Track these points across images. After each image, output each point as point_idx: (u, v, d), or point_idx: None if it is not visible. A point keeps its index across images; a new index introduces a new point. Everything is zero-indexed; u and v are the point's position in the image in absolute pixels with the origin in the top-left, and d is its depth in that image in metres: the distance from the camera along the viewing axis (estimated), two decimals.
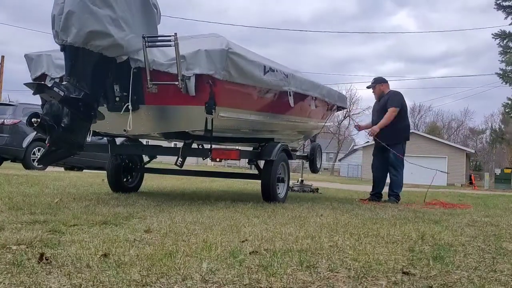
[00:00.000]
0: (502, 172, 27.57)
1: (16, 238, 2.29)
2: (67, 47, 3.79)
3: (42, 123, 3.58)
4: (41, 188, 5.41)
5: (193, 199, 5.18)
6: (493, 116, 58.99)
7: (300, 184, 8.24)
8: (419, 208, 5.56)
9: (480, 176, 38.87)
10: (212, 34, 4.67)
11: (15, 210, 3.38)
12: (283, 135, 6.27)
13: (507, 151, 50.58)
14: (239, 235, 2.76)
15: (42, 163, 8.17)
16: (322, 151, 7.45)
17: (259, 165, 5.39)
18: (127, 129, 4.29)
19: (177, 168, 5.55)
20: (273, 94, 5.07)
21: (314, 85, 6.09)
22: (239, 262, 2.04)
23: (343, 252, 2.39)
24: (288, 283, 1.80)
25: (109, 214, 3.36)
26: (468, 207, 6.07)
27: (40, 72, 4.62)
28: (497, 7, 25.27)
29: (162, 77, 4.12)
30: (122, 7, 3.89)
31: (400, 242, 2.80)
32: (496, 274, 2.09)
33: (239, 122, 4.77)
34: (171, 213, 3.71)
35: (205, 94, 4.11)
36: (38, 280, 1.67)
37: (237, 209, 4.17)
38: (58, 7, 3.73)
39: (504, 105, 28.70)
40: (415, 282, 1.88)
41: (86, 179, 7.69)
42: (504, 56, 25.49)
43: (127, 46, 3.98)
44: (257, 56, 4.78)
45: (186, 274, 1.82)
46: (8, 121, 10.52)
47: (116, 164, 5.56)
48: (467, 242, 2.93)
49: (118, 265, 1.89)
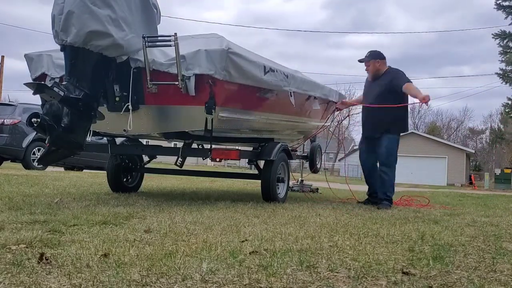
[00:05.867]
0: (502, 172, 27.57)
1: (16, 238, 2.29)
2: (67, 47, 3.79)
3: (42, 123, 3.58)
4: (41, 188, 5.41)
5: (193, 199, 5.18)
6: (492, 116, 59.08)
7: (300, 184, 8.24)
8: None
9: (480, 176, 38.89)
10: (212, 34, 4.67)
11: (15, 210, 3.38)
12: (283, 135, 6.27)
13: (507, 151, 50.59)
14: (239, 235, 2.75)
15: (42, 163, 8.17)
16: (322, 151, 7.44)
17: (259, 165, 5.39)
18: (127, 129, 4.29)
19: (177, 168, 5.56)
20: (273, 94, 5.07)
21: (314, 85, 6.10)
22: (239, 262, 2.04)
23: (343, 252, 2.39)
24: (288, 283, 1.79)
25: (109, 214, 3.36)
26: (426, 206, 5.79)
27: (40, 72, 4.62)
28: (497, 7, 25.28)
29: (162, 77, 4.13)
30: (122, 7, 3.90)
31: (400, 242, 2.80)
32: (496, 274, 2.09)
33: (239, 122, 4.77)
34: (171, 213, 3.71)
35: (205, 94, 4.11)
36: (38, 280, 1.66)
37: (237, 209, 4.17)
38: (58, 7, 3.73)
39: (504, 105, 28.69)
40: (415, 282, 1.88)
41: (86, 179, 7.69)
42: (504, 56, 25.49)
43: (127, 46, 3.98)
44: (257, 57, 4.78)
45: (186, 274, 1.82)
46: (8, 121, 10.51)
47: (116, 164, 5.56)
48: (467, 242, 2.93)
49: (118, 265, 1.89)
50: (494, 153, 55.88)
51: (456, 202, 7.14)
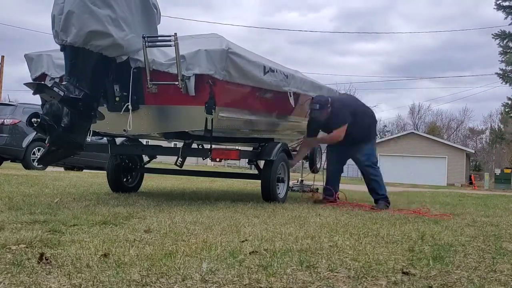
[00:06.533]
0: (502, 172, 27.56)
1: (16, 238, 2.29)
2: (67, 47, 3.80)
3: (42, 123, 3.59)
4: (41, 188, 5.41)
5: (193, 199, 5.18)
6: (492, 116, 59.06)
7: (300, 184, 8.23)
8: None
9: (480, 176, 38.85)
10: (212, 34, 4.67)
11: (15, 210, 3.38)
12: (283, 135, 6.26)
13: (507, 151, 50.54)
14: (239, 235, 2.76)
15: (42, 163, 8.19)
16: (322, 151, 7.44)
17: (259, 165, 5.39)
18: (127, 129, 4.29)
19: (177, 168, 5.56)
20: (273, 94, 5.07)
21: (314, 85, 6.10)
22: (239, 262, 2.04)
23: (343, 252, 2.39)
24: (288, 283, 1.80)
25: (109, 214, 3.36)
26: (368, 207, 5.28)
27: (40, 72, 4.62)
28: (497, 7, 25.29)
29: (162, 77, 4.13)
30: (122, 7, 3.90)
31: (400, 242, 2.80)
32: (496, 274, 2.09)
33: (239, 122, 4.77)
34: (171, 213, 3.71)
35: (205, 94, 4.11)
36: (38, 280, 1.66)
37: (237, 209, 4.17)
38: (58, 7, 3.73)
39: (504, 105, 28.70)
40: (415, 282, 1.88)
41: (86, 179, 7.69)
42: (504, 56, 25.49)
43: (127, 46, 3.99)
44: (257, 57, 4.78)
45: (186, 274, 1.82)
46: (8, 121, 10.51)
47: (116, 164, 5.56)
48: (467, 242, 2.93)
49: (118, 265, 1.89)
50: (494, 153, 55.85)
51: (456, 202, 7.14)
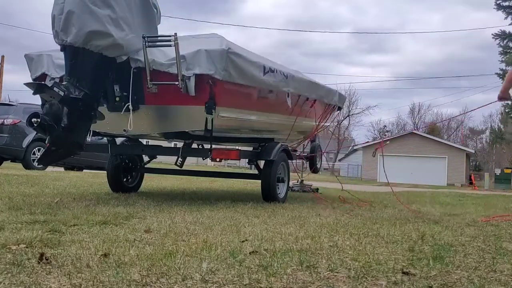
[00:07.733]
0: (502, 172, 27.55)
1: (16, 238, 2.29)
2: (67, 47, 3.80)
3: (42, 123, 3.58)
4: (41, 188, 5.41)
5: (193, 199, 5.18)
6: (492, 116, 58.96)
7: (300, 184, 8.24)
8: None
9: (480, 176, 38.84)
10: (213, 34, 4.67)
11: (15, 210, 3.38)
12: (283, 135, 6.27)
13: (507, 151, 50.53)
14: (239, 235, 2.76)
15: (42, 163, 8.19)
16: (322, 151, 7.44)
17: (259, 165, 5.39)
18: (127, 129, 4.29)
19: (177, 168, 5.56)
20: (273, 94, 5.07)
21: (314, 85, 6.09)
22: (239, 262, 2.04)
23: (343, 252, 2.39)
24: (288, 283, 1.79)
25: (109, 214, 3.36)
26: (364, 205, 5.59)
27: (40, 72, 4.62)
28: (497, 7, 25.29)
29: (162, 77, 4.13)
30: (122, 7, 3.90)
31: (400, 242, 2.80)
32: (496, 274, 2.09)
33: (239, 122, 4.77)
34: (171, 213, 3.71)
35: (205, 94, 4.11)
36: (38, 280, 1.67)
37: (237, 209, 4.17)
38: (58, 7, 3.73)
39: (504, 105, 28.71)
40: (415, 282, 1.88)
41: (86, 179, 7.69)
42: (504, 56, 25.50)
43: (127, 46, 3.99)
44: (257, 57, 4.78)
45: (186, 274, 1.82)
46: (8, 121, 10.51)
47: (116, 164, 5.56)
48: (467, 242, 2.93)
49: (118, 265, 1.89)
50: (494, 153, 55.82)
51: (456, 202, 7.14)
